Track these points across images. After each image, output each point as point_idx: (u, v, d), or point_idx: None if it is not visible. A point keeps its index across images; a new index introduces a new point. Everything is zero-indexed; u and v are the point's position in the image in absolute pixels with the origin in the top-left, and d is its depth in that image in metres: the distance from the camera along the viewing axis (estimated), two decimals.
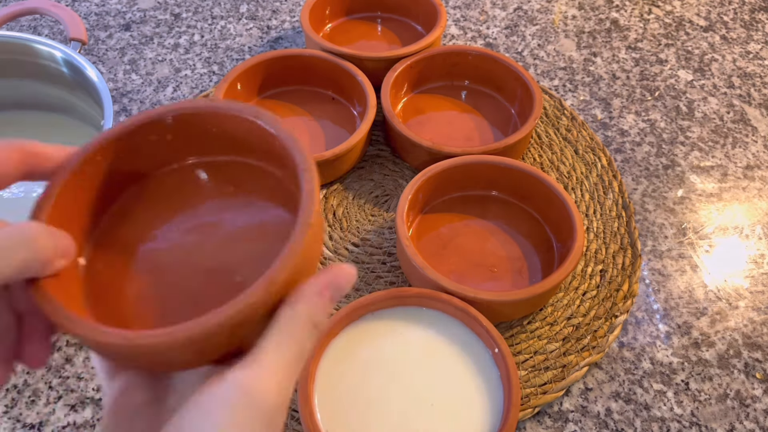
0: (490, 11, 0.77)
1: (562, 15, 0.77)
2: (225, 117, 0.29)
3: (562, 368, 0.46)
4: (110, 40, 0.72)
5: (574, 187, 0.58)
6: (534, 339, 0.48)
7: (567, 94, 0.67)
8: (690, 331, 0.49)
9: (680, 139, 0.63)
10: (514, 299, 0.44)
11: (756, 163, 0.61)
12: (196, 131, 0.30)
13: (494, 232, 0.52)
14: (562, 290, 0.51)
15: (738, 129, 0.64)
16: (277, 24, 0.74)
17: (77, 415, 0.44)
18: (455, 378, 0.41)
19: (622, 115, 0.65)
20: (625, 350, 0.48)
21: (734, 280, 0.52)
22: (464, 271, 0.50)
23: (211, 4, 0.77)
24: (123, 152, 0.29)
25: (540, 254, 0.51)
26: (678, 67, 0.71)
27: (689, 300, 0.51)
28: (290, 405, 0.43)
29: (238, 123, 0.29)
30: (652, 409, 0.45)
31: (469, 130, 0.60)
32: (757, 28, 0.76)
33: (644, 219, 0.56)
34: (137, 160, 0.30)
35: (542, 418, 0.45)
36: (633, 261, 0.52)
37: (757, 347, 0.48)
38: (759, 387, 0.46)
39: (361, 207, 0.56)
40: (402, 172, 0.59)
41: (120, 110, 0.64)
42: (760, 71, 0.70)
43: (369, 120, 0.55)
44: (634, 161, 0.61)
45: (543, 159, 0.60)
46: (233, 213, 0.30)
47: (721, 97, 0.67)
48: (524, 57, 0.71)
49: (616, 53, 0.72)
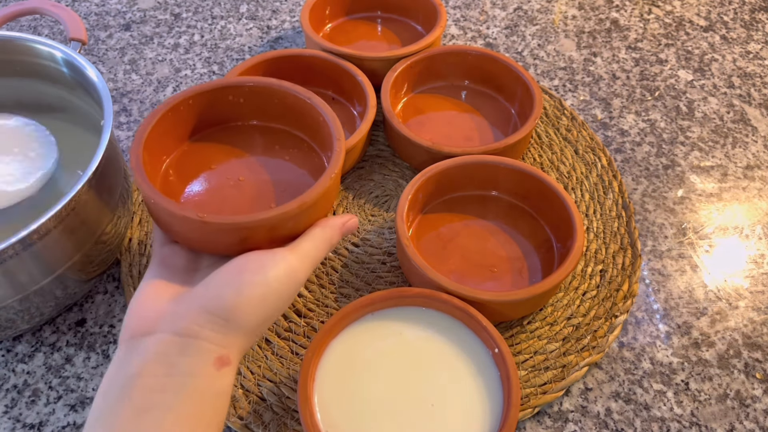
0: (490, 11, 0.77)
1: (562, 15, 0.77)
2: (287, 94, 0.41)
3: (562, 368, 0.46)
4: (110, 40, 0.72)
5: (574, 187, 0.58)
6: (534, 339, 0.48)
7: (567, 94, 0.67)
8: (690, 331, 0.49)
9: (680, 139, 0.63)
10: (514, 299, 0.44)
11: (756, 163, 0.61)
12: (263, 101, 0.41)
13: (494, 232, 0.52)
14: (562, 290, 0.51)
15: (738, 129, 0.64)
16: (277, 24, 0.74)
17: (77, 415, 0.44)
18: (455, 378, 0.41)
19: (622, 115, 0.65)
20: (625, 350, 0.48)
21: (734, 280, 0.52)
22: (464, 271, 0.50)
23: (211, 4, 0.77)
24: (206, 102, 0.41)
25: (540, 254, 0.51)
26: (678, 67, 0.71)
27: (689, 300, 0.51)
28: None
29: (296, 101, 0.41)
30: (652, 409, 0.45)
31: (469, 130, 0.60)
32: (757, 28, 0.76)
33: (644, 219, 0.56)
34: (215, 111, 0.41)
35: (542, 418, 0.45)
36: (633, 261, 0.52)
37: (757, 347, 0.48)
38: (759, 387, 0.46)
39: (361, 207, 0.56)
40: (402, 172, 0.59)
41: (120, 110, 0.64)
42: (760, 71, 0.70)
43: (369, 120, 0.55)
44: (634, 161, 0.61)
45: (543, 159, 0.60)
46: (274, 167, 0.41)
47: (721, 97, 0.67)
48: (524, 57, 0.71)
49: (616, 53, 0.72)
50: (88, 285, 0.47)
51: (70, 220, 0.39)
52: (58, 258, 0.40)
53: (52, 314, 0.46)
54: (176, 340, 0.31)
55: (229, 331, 0.32)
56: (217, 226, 0.33)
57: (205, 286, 0.32)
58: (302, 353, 0.47)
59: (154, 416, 0.29)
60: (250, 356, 0.46)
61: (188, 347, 0.31)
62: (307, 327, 0.48)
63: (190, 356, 0.31)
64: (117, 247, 0.48)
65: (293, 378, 0.45)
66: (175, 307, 0.32)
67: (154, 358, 0.30)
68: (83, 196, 0.39)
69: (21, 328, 0.44)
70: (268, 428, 0.43)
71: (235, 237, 0.34)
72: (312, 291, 0.50)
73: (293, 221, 0.35)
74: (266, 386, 0.45)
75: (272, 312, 0.33)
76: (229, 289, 0.32)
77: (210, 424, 0.31)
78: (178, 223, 0.34)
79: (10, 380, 0.45)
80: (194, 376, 0.30)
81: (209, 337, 0.31)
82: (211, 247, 0.35)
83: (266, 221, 0.33)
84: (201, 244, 0.35)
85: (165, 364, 0.30)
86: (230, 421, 0.43)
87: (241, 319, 0.32)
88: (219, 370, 0.31)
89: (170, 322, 0.32)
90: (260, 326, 0.33)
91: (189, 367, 0.30)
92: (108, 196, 0.43)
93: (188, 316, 0.31)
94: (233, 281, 0.32)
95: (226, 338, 0.32)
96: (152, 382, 0.30)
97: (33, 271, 0.39)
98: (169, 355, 0.30)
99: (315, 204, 0.35)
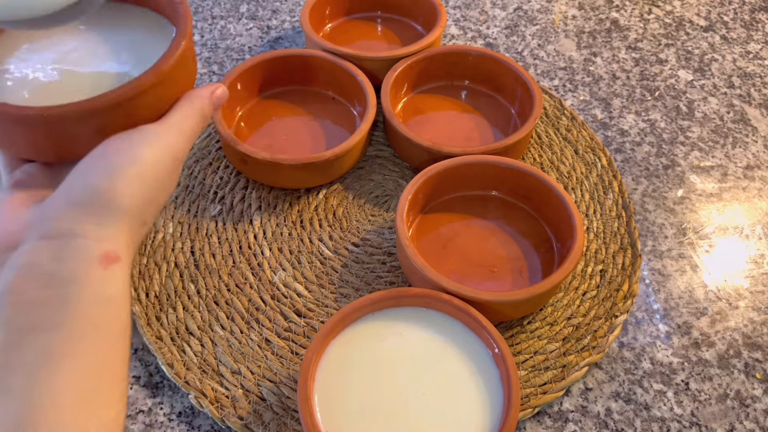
0: (490, 11, 0.77)
1: (562, 15, 0.77)
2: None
3: (562, 368, 0.46)
4: None
5: (574, 187, 0.58)
6: (534, 339, 0.48)
7: (567, 94, 0.67)
8: (690, 331, 0.49)
9: (680, 139, 0.63)
10: (514, 299, 0.44)
11: (756, 163, 0.61)
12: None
13: (494, 232, 0.52)
14: (562, 290, 0.51)
15: (738, 129, 0.64)
16: (277, 24, 0.74)
17: None
18: (455, 378, 0.41)
19: (622, 115, 0.65)
20: (625, 350, 0.48)
21: (734, 280, 0.52)
22: (464, 271, 0.50)
23: (211, 4, 0.77)
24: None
25: (540, 254, 0.51)
26: (678, 67, 0.71)
27: (689, 300, 0.51)
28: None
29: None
30: (652, 409, 0.45)
31: (469, 130, 0.60)
32: (757, 28, 0.76)
33: (644, 219, 0.56)
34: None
35: (542, 418, 0.45)
36: (633, 261, 0.52)
37: (757, 347, 0.48)
38: (759, 387, 0.46)
39: (361, 207, 0.56)
40: (402, 172, 0.59)
41: None
42: (760, 71, 0.70)
43: (369, 120, 0.55)
44: (634, 161, 0.61)
45: (543, 159, 0.60)
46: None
47: (721, 97, 0.67)
48: (524, 57, 0.71)
49: (616, 53, 0.72)
50: None
51: None
52: None
53: None
54: (47, 244, 0.26)
55: (110, 219, 0.27)
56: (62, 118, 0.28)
57: (71, 179, 0.28)
58: (302, 353, 0.47)
59: (39, 338, 0.25)
60: (250, 356, 0.46)
61: (63, 249, 0.26)
62: (307, 327, 0.48)
63: (67, 260, 0.26)
64: None
65: (293, 378, 0.45)
66: (40, 212, 0.28)
67: (25, 271, 0.26)
68: None
69: None
70: (268, 428, 0.43)
71: (89, 127, 0.29)
72: (312, 291, 0.50)
73: (152, 95, 0.30)
74: (266, 386, 0.45)
75: (155, 192, 0.29)
76: (98, 173, 0.28)
77: (108, 338, 0.26)
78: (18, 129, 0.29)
79: None
80: (78, 283, 0.26)
81: (86, 232, 0.27)
82: (65, 149, 0.30)
83: (119, 96, 0.29)
84: (53, 150, 0.31)
85: (39, 275, 0.26)
86: (230, 421, 0.43)
87: (119, 201, 0.28)
88: (106, 269, 0.27)
89: (37, 228, 0.27)
90: (145, 211, 0.29)
91: (69, 273, 0.26)
92: None
93: (56, 215, 0.27)
94: (101, 165, 0.28)
95: (107, 229, 0.27)
96: (28, 298, 0.25)
97: None
98: (42, 264, 0.26)
99: (171, 73, 0.31)
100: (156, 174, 0.29)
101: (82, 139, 0.30)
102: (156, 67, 0.30)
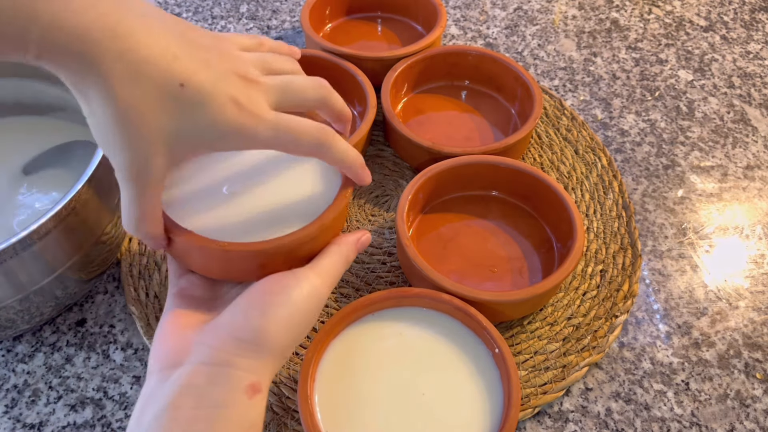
0: (490, 11, 0.77)
1: (562, 15, 0.77)
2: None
3: (562, 368, 0.46)
4: None
5: (574, 187, 0.58)
6: (534, 339, 0.48)
7: (567, 94, 0.67)
8: (690, 331, 0.49)
9: (680, 139, 0.63)
10: (514, 299, 0.44)
11: (756, 163, 0.61)
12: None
13: (494, 232, 0.52)
14: (562, 290, 0.51)
15: (738, 129, 0.64)
16: (277, 24, 0.74)
17: (77, 415, 0.44)
18: (455, 378, 0.41)
19: (622, 115, 0.65)
20: (625, 350, 0.48)
21: (734, 280, 0.52)
22: (464, 271, 0.50)
23: (211, 4, 0.77)
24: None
25: (540, 254, 0.51)
26: (678, 67, 0.71)
27: (689, 300, 0.51)
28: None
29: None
30: (653, 409, 0.45)
31: (469, 130, 0.60)
32: (757, 28, 0.76)
33: (644, 219, 0.56)
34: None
35: (542, 418, 0.45)
36: (633, 261, 0.52)
37: (758, 347, 0.48)
38: (759, 387, 0.46)
39: (361, 207, 0.56)
40: (402, 172, 0.59)
41: None
42: (760, 71, 0.70)
43: (369, 120, 0.55)
44: (634, 161, 0.61)
45: (543, 159, 0.60)
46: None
47: (721, 97, 0.67)
48: (524, 57, 0.71)
49: (616, 53, 0.72)
50: (88, 285, 0.47)
51: (70, 220, 0.39)
52: (58, 258, 0.40)
53: (52, 314, 0.46)
54: (205, 369, 0.31)
55: (260, 356, 0.32)
56: (237, 254, 0.33)
57: (230, 313, 0.32)
58: (302, 353, 0.47)
59: None
60: None
61: (218, 376, 0.30)
62: None
63: (220, 385, 0.30)
64: (117, 248, 0.48)
65: (293, 378, 0.45)
66: (202, 337, 0.32)
67: (185, 390, 0.30)
68: (83, 196, 0.39)
69: (21, 328, 0.44)
70: (268, 428, 0.43)
71: (255, 262, 0.34)
72: None
73: (312, 243, 0.35)
74: None
75: (299, 332, 0.33)
76: (255, 312, 0.32)
77: None
78: (197, 253, 0.34)
79: (10, 380, 0.45)
80: (225, 407, 0.30)
81: (240, 364, 0.31)
82: (230, 274, 0.35)
83: (286, 245, 0.33)
84: (220, 272, 0.35)
85: (194, 395, 0.30)
86: None
87: (270, 341, 0.32)
88: (251, 399, 0.31)
89: (198, 352, 0.31)
90: (288, 347, 0.33)
91: (219, 397, 0.30)
92: (108, 197, 0.43)
93: (216, 345, 0.31)
94: (258, 305, 0.32)
95: (257, 363, 0.32)
96: (183, 415, 0.29)
97: (33, 271, 0.39)
98: (199, 386, 0.30)
99: (332, 224, 0.35)
100: (303, 316, 0.33)
101: (246, 269, 0.34)
102: (321, 219, 0.35)
